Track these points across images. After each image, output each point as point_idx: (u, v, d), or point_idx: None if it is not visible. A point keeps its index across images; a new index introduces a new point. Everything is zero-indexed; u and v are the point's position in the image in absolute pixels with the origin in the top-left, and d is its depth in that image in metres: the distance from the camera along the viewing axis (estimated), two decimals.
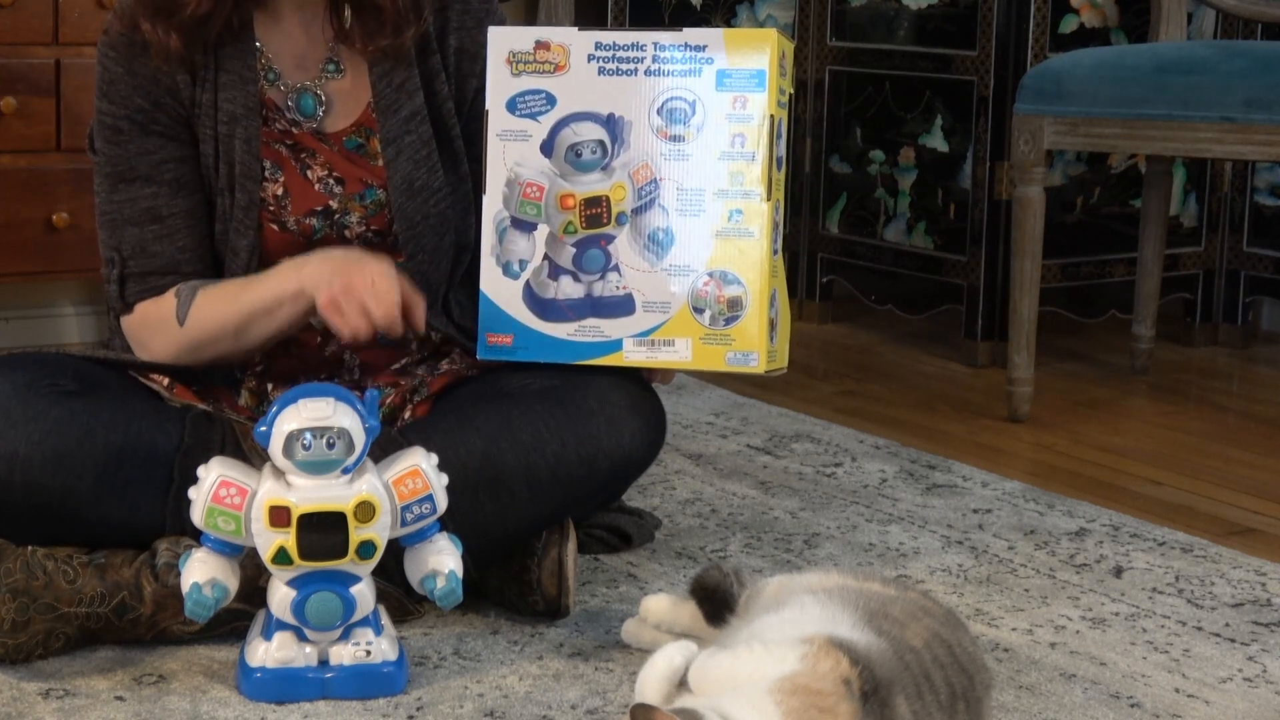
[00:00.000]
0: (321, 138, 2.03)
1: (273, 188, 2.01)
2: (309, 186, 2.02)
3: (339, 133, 2.04)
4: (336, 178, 2.03)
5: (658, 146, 1.90)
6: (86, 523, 1.85)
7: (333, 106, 2.04)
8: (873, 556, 2.24)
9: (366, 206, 2.03)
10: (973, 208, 3.43)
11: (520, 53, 1.92)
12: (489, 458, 1.89)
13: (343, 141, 2.04)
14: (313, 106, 2.03)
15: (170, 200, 2.01)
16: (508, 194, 1.92)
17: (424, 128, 2.02)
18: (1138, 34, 3.45)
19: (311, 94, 2.03)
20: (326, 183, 2.03)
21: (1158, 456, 2.79)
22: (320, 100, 2.03)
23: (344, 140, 2.04)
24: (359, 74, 2.03)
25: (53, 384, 1.87)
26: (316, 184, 2.02)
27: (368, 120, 2.04)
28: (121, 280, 2.02)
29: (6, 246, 3.13)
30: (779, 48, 1.89)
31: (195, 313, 1.97)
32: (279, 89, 2.02)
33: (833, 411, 3.02)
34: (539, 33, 1.94)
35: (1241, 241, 3.60)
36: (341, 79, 2.04)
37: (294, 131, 2.03)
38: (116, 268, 2.02)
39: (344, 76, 2.04)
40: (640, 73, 1.90)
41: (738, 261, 1.88)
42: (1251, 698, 1.83)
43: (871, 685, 1.45)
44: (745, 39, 1.89)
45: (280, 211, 2.01)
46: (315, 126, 2.03)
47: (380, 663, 1.76)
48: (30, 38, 3.10)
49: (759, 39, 1.89)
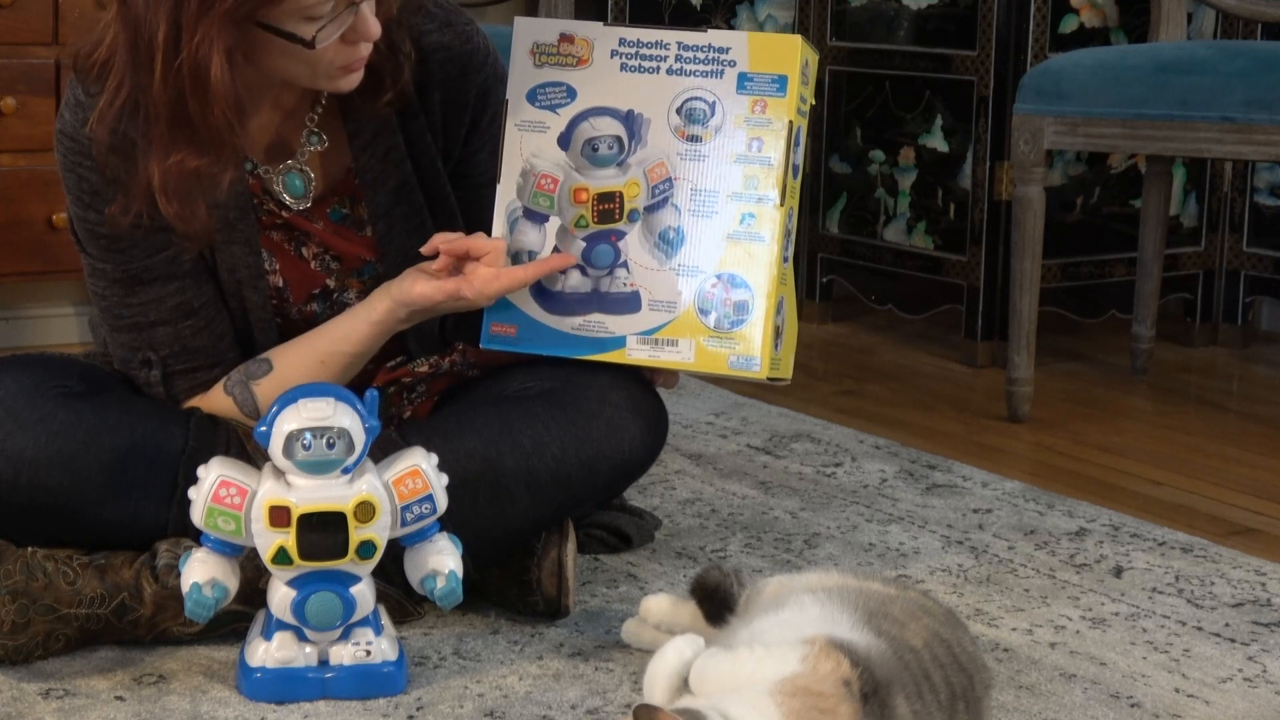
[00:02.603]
0: (307, 214, 1.96)
1: (273, 279, 1.97)
2: (305, 266, 1.98)
3: (322, 201, 1.97)
4: (333, 255, 1.98)
5: (675, 145, 1.90)
6: (90, 524, 1.85)
7: (315, 177, 1.96)
8: (873, 556, 2.24)
9: (364, 281, 1.98)
10: (973, 208, 3.43)
11: (544, 44, 1.92)
12: (489, 461, 1.89)
13: (327, 214, 1.97)
14: (302, 187, 1.95)
15: (197, 291, 1.92)
16: (521, 184, 1.92)
17: (415, 196, 1.97)
18: (1138, 34, 3.45)
19: (296, 172, 1.95)
20: (323, 259, 1.98)
21: (1158, 456, 2.79)
22: (308, 179, 1.95)
23: (328, 212, 1.97)
24: (339, 137, 1.96)
25: (60, 386, 1.86)
26: (312, 261, 1.98)
27: (349, 188, 1.97)
28: (166, 379, 1.94)
29: (6, 246, 3.13)
30: (803, 55, 1.89)
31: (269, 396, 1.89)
32: (257, 176, 1.94)
33: (833, 411, 3.02)
34: (564, 25, 1.93)
35: (1241, 241, 3.60)
36: (324, 147, 1.96)
37: (283, 215, 1.96)
38: (156, 368, 1.93)
39: (326, 144, 1.96)
40: (662, 71, 1.90)
41: (747, 265, 1.88)
42: (1251, 698, 1.83)
43: (871, 686, 1.45)
44: (770, 45, 1.88)
45: (283, 304, 1.98)
46: (308, 207, 1.96)
47: (380, 663, 1.76)
48: (30, 38, 3.11)
49: (784, 46, 1.88)
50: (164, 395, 1.95)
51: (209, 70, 1.72)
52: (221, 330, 1.95)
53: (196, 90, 1.73)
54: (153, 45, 1.72)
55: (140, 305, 1.92)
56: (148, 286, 1.91)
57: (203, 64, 1.72)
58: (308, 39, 1.75)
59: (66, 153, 1.88)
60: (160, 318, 1.92)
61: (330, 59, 1.79)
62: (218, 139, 1.77)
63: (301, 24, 1.75)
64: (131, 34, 1.74)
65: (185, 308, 1.92)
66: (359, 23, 1.78)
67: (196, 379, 1.94)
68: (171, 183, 1.79)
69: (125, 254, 1.90)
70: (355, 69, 1.83)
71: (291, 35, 1.75)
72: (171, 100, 1.74)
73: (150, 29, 1.72)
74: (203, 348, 1.93)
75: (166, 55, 1.72)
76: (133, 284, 1.91)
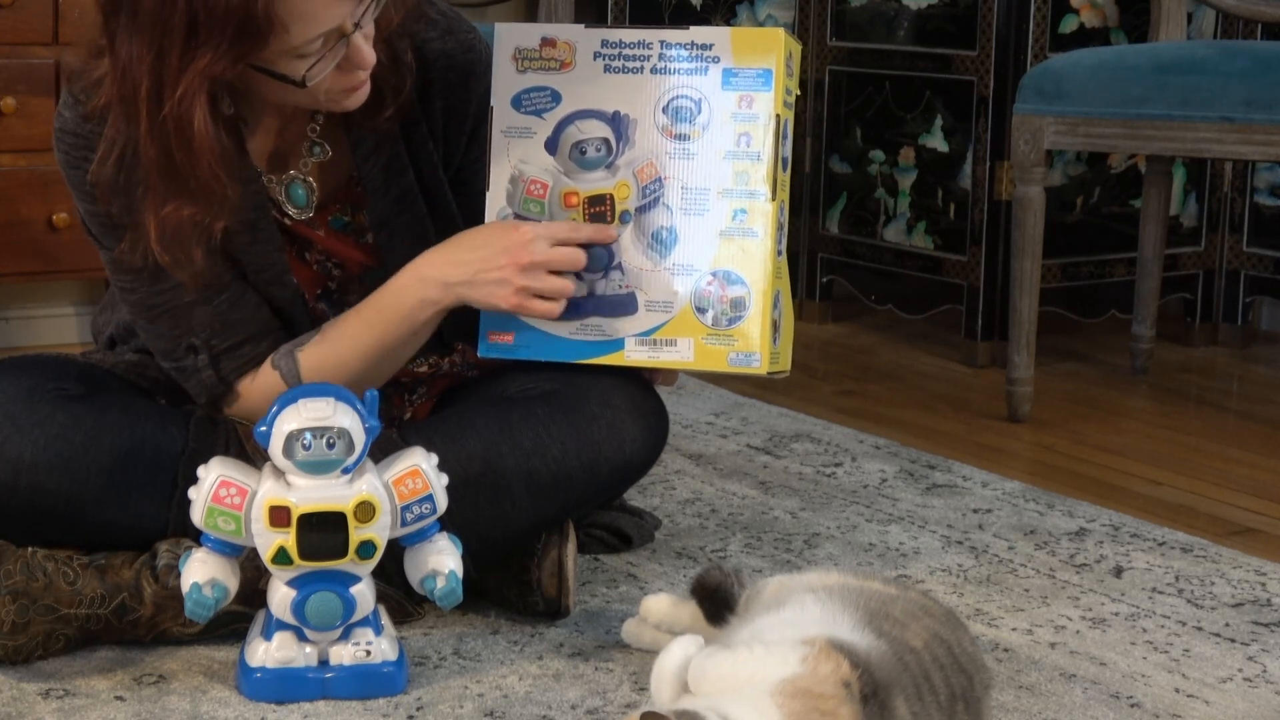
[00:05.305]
0: (309, 222, 1.96)
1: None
2: (309, 269, 1.98)
3: (323, 208, 1.96)
4: (335, 262, 1.98)
5: (663, 145, 1.89)
6: (90, 526, 1.84)
7: (316, 188, 1.96)
8: (873, 556, 2.24)
9: (366, 288, 1.96)
10: (973, 208, 3.43)
11: (526, 49, 1.92)
12: (489, 462, 1.89)
13: (328, 221, 1.97)
14: (304, 197, 1.94)
15: (224, 268, 1.89)
16: (511, 191, 1.92)
17: (416, 204, 1.96)
18: (1138, 34, 3.45)
19: (299, 182, 1.94)
20: (324, 265, 1.98)
21: (1158, 456, 2.79)
22: (311, 189, 1.94)
23: (329, 220, 1.97)
24: (341, 145, 1.95)
25: (57, 388, 1.86)
26: (314, 265, 1.98)
27: (351, 195, 1.97)
28: (215, 361, 1.90)
29: (6, 246, 3.13)
30: (786, 48, 1.89)
31: (312, 374, 1.89)
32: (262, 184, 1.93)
33: (833, 411, 3.02)
34: (545, 29, 1.93)
35: (1241, 241, 3.60)
36: (326, 156, 1.95)
37: (286, 223, 1.95)
38: (203, 352, 1.90)
39: (329, 153, 1.95)
40: (646, 71, 1.90)
41: (741, 261, 1.88)
42: (1251, 698, 1.83)
43: (871, 688, 1.45)
44: (752, 38, 1.88)
45: None
46: (310, 215, 1.95)
47: (380, 663, 1.76)
48: (30, 38, 3.11)
49: (766, 39, 1.88)
50: (216, 381, 1.91)
51: (192, 124, 1.71)
52: (257, 301, 1.92)
53: (182, 144, 1.72)
54: (137, 98, 1.72)
55: (170, 289, 1.89)
56: None
57: (185, 118, 1.71)
58: (297, 79, 1.74)
59: (69, 149, 1.87)
60: (193, 298, 1.89)
61: (328, 88, 1.79)
62: (207, 189, 1.76)
63: (292, 62, 1.74)
64: (119, 86, 1.74)
65: (216, 283, 1.89)
66: (352, 53, 1.76)
67: (243, 354, 1.91)
68: (168, 231, 1.79)
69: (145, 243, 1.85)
70: (357, 89, 1.82)
71: (282, 76, 1.74)
72: (160, 152, 1.74)
73: (134, 82, 1.71)
74: (243, 319, 1.91)
75: (150, 109, 1.72)
76: (158, 269, 1.87)
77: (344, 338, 1.90)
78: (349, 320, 1.91)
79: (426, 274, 1.88)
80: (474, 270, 1.86)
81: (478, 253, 1.87)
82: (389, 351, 1.91)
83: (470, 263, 1.86)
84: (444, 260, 1.88)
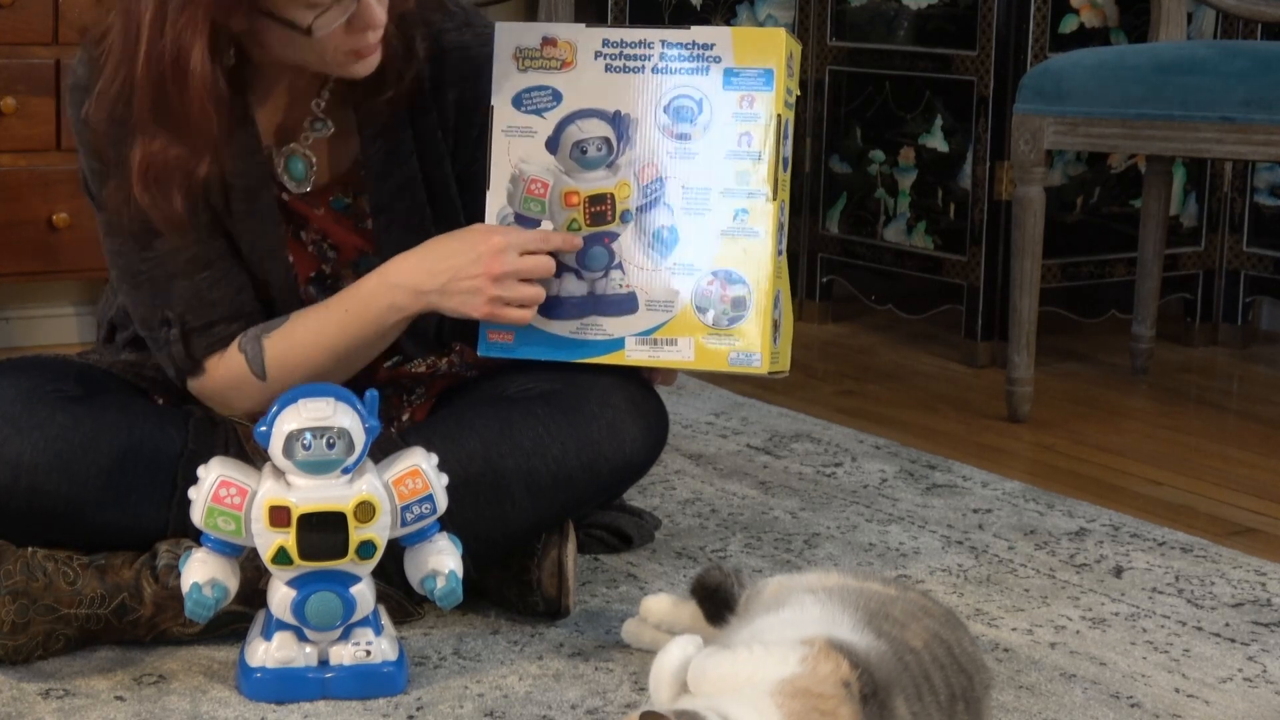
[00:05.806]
0: (308, 200, 1.96)
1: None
2: (303, 250, 1.97)
3: (325, 189, 1.97)
4: (331, 244, 1.98)
5: (663, 144, 1.90)
6: (89, 527, 1.85)
7: (317, 163, 1.96)
8: (873, 556, 2.24)
9: (359, 274, 1.95)
10: (973, 208, 3.43)
11: (527, 49, 1.92)
12: (489, 462, 1.89)
13: (329, 202, 1.97)
14: (303, 171, 1.94)
15: (211, 243, 1.90)
16: (512, 190, 1.92)
17: (418, 193, 1.96)
18: (1138, 34, 3.45)
19: (300, 156, 1.94)
20: (320, 246, 1.98)
21: (1158, 456, 2.79)
22: (310, 163, 1.94)
23: (330, 200, 1.97)
24: (347, 126, 1.95)
25: (56, 389, 1.86)
26: (309, 246, 1.98)
27: (354, 179, 1.97)
28: (185, 337, 1.90)
29: (6, 246, 3.14)
30: (787, 48, 1.89)
31: (275, 362, 1.89)
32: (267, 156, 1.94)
33: (833, 411, 3.02)
34: (546, 29, 1.93)
35: (1241, 241, 3.60)
36: (329, 132, 1.95)
37: (284, 198, 1.95)
38: (175, 326, 1.90)
39: (331, 130, 1.95)
40: (647, 70, 1.90)
41: (742, 261, 1.88)
42: (1251, 698, 1.83)
43: (871, 688, 1.45)
44: (754, 38, 1.88)
45: None
46: (308, 190, 1.95)
47: (380, 663, 1.76)
48: (30, 38, 3.11)
49: (768, 38, 1.88)
50: (184, 356, 1.91)
51: (189, 57, 1.73)
52: (239, 284, 1.92)
53: (177, 76, 1.75)
54: (140, 26, 1.74)
55: (156, 258, 1.89)
56: (163, 237, 1.88)
57: (184, 50, 1.73)
58: (304, 26, 1.76)
59: (78, 104, 1.88)
60: (176, 270, 1.89)
61: (336, 45, 1.79)
62: (195, 128, 1.77)
63: (300, 10, 1.75)
64: (125, 17, 1.77)
65: (201, 260, 1.90)
66: (362, 10, 1.78)
67: (214, 335, 1.91)
68: (152, 170, 1.80)
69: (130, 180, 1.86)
70: (366, 54, 1.83)
71: (289, 22, 1.76)
72: (153, 84, 1.76)
73: (140, 10, 1.74)
74: (220, 300, 1.91)
75: (151, 38, 1.74)
76: (148, 236, 1.88)
77: (310, 332, 1.90)
78: (318, 315, 1.91)
79: (397, 281, 1.88)
80: (446, 279, 1.86)
81: (450, 261, 1.86)
82: (354, 352, 1.92)
83: (442, 272, 1.86)
84: (415, 268, 1.88)
